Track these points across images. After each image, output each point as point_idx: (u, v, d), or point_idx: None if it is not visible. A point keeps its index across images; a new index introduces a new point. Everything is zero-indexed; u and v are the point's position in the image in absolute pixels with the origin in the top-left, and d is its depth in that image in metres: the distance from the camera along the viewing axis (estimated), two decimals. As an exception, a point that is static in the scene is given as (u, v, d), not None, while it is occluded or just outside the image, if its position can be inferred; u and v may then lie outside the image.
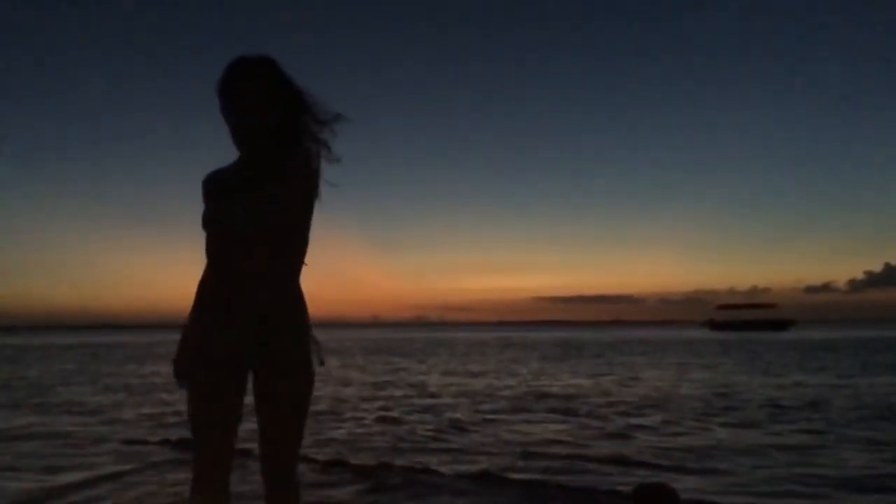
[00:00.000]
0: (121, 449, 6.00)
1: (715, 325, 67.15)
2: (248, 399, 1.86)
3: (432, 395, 10.60)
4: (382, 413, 8.50)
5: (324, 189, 1.88)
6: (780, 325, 63.79)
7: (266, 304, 1.79)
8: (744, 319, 65.52)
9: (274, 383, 1.81)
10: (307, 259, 1.91)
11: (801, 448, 5.98)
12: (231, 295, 1.79)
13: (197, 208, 1.90)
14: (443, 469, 5.09)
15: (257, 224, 1.77)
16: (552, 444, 6.21)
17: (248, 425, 1.88)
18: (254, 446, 1.93)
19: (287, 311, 1.83)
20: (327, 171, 1.86)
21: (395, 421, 7.83)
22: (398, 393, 11.07)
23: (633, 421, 7.68)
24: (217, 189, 1.89)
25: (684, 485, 4.56)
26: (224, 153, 1.93)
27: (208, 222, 1.84)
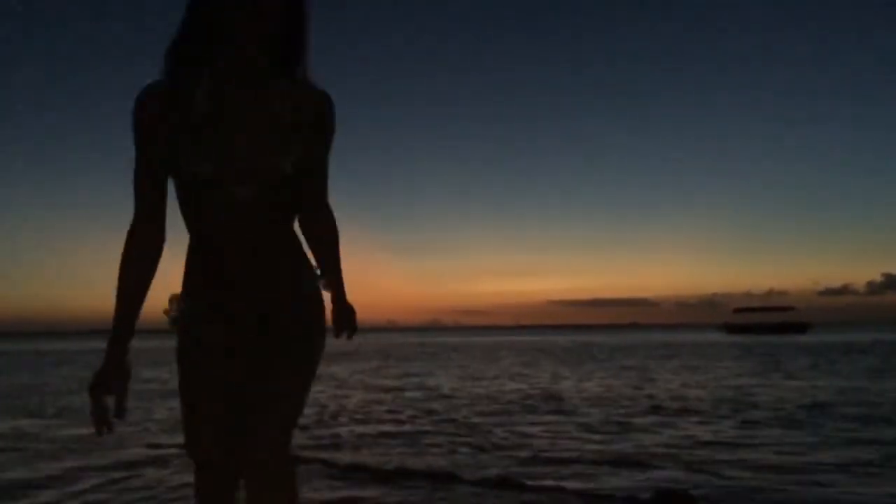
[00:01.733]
0: (145, 452, 6.09)
1: (732, 328, 66.59)
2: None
3: (449, 399, 10.62)
4: (399, 417, 8.54)
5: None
6: (798, 327, 63.15)
7: (271, 300, 1.49)
8: (761, 322, 64.92)
9: (271, 364, 1.49)
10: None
11: (818, 459, 5.94)
12: (227, 285, 1.46)
13: None
14: (461, 474, 5.11)
15: (277, 189, 1.42)
16: (569, 449, 6.21)
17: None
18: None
19: (294, 302, 1.51)
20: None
21: (412, 425, 7.86)
22: (414, 397, 11.10)
23: (652, 425, 7.66)
24: (185, 120, 1.32)
25: (704, 491, 4.56)
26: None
27: (189, 178, 1.36)
